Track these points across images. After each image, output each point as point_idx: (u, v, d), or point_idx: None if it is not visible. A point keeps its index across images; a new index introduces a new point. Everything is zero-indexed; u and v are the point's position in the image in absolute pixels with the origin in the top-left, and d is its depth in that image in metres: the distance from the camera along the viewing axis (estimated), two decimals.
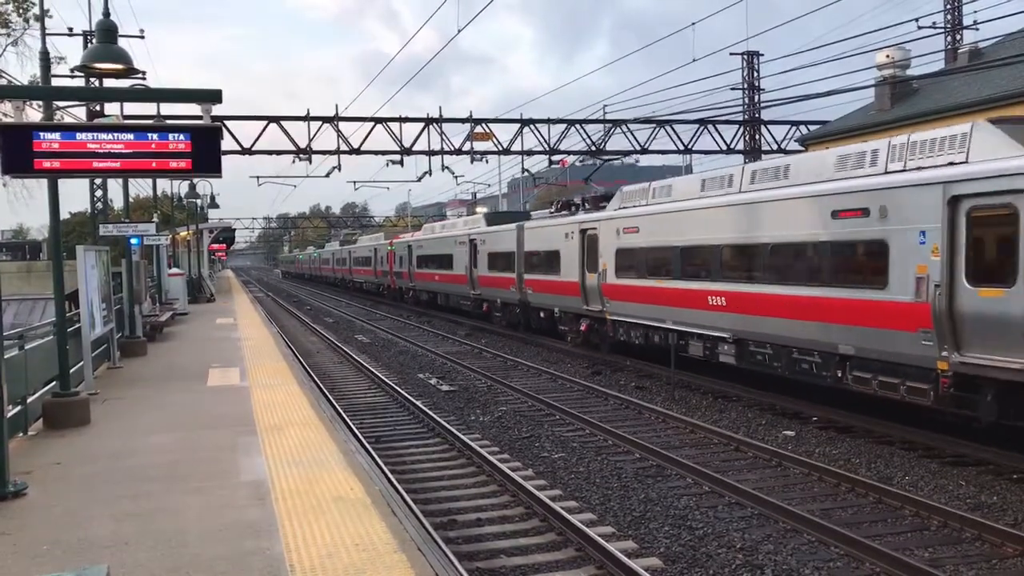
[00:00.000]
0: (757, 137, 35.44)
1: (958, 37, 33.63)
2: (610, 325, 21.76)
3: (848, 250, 13.49)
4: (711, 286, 16.95)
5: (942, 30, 33.37)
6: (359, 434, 13.49)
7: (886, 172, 12.84)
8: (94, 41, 14.79)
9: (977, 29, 31.53)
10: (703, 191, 17.97)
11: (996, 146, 11.21)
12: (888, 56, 29.19)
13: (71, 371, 12.38)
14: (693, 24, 24.53)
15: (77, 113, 21.48)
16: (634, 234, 20.15)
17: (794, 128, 35.08)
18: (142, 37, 25.56)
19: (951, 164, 11.65)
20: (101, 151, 9.55)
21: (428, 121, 32.14)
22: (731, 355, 16.58)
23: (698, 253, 17.59)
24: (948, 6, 34.27)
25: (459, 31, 21.65)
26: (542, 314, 26.77)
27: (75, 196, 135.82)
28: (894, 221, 12.32)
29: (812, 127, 34.34)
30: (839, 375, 13.67)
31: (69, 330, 12.68)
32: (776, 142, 35.24)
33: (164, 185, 44.98)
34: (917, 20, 26.11)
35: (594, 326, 23.06)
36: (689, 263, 17.91)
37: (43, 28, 14.53)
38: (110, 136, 9.63)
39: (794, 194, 14.73)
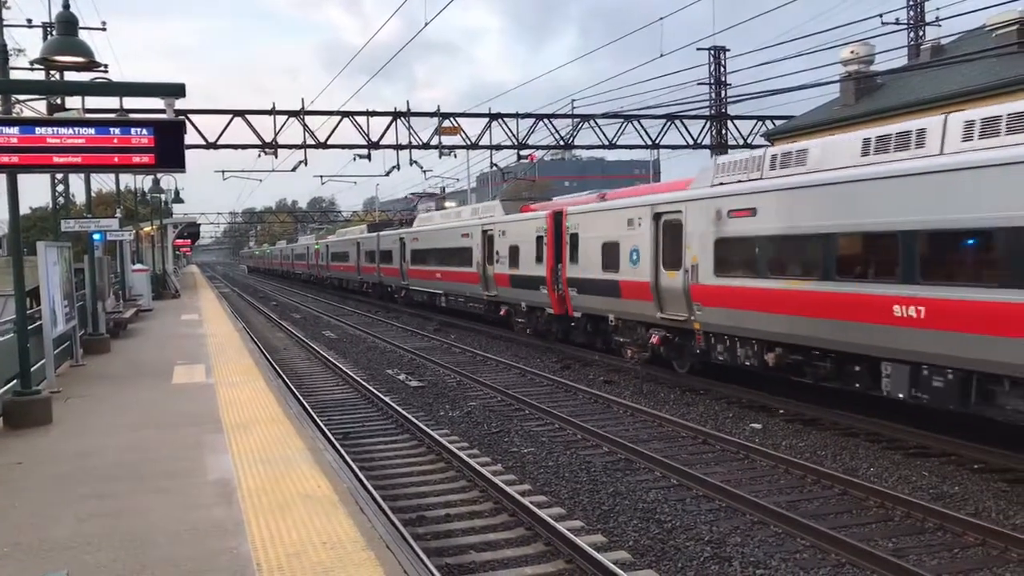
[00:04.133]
0: (724, 132, 35.67)
1: (921, 33, 34.06)
2: (412, 293, 39.04)
3: (464, 251, 30.42)
4: (437, 268, 34.21)
5: (905, 26, 33.77)
6: (327, 431, 13.39)
7: (478, 219, 30.08)
8: (54, 33, 14.55)
9: (939, 25, 31.93)
10: (441, 220, 36.53)
11: (499, 210, 28.73)
12: (853, 52, 29.49)
13: (32, 369, 12.17)
14: (662, 19, 24.58)
15: (37, 107, 21.10)
16: (416, 241, 37.73)
17: (760, 123, 35.34)
18: (104, 29, 25.18)
19: (490, 217, 28.93)
20: (61, 146, 9.41)
21: (396, 115, 31.99)
22: (444, 303, 34.19)
23: (435, 252, 34.52)
24: (911, 2, 34.68)
25: (427, 23, 21.56)
26: (387, 289, 44.89)
27: (36, 191, 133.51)
28: (473, 239, 29.54)
29: (778, 122, 34.61)
30: (467, 306, 31.20)
31: (30, 327, 12.45)
32: (743, 137, 35.50)
33: (127, 180, 44.35)
34: (881, 16, 26.35)
35: (407, 294, 40.09)
36: (434, 257, 34.72)
37: None
38: (71, 131, 9.49)
39: (453, 225, 32.99)
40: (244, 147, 30.98)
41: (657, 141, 34.38)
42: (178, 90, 10.03)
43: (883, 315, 11.98)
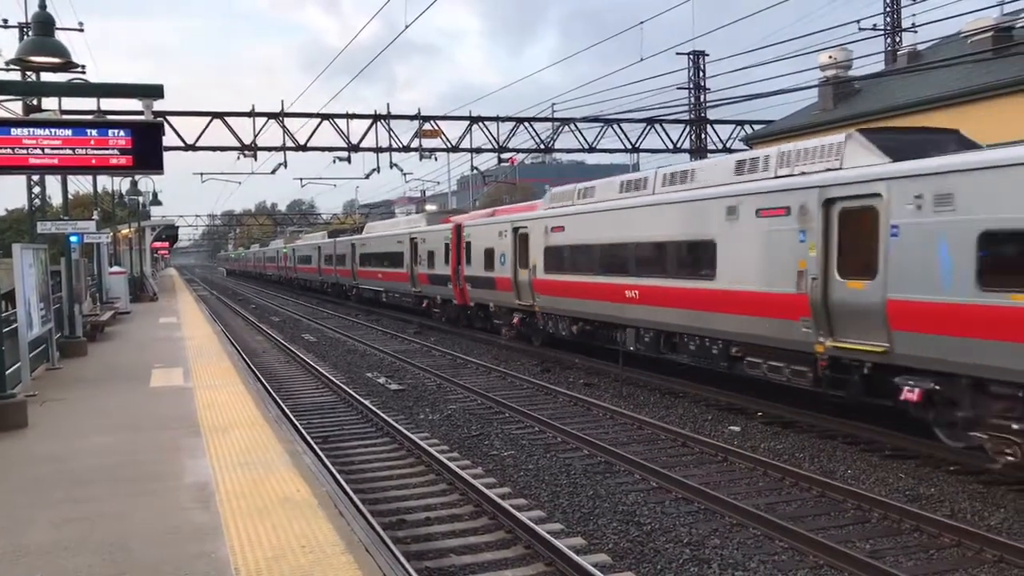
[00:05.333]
0: (703, 136, 35.86)
1: (898, 39, 34.40)
2: (361, 291, 45.12)
3: (398, 255, 35.63)
4: (379, 269, 39.75)
5: (882, 32, 34.09)
6: (306, 434, 13.34)
7: (408, 229, 35.47)
8: (30, 33, 14.42)
9: (916, 32, 32.29)
10: (382, 229, 41.44)
11: (423, 222, 34.88)
12: (831, 57, 29.72)
13: (8, 372, 12.02)
14: (642, 23, 24.72)
15: (13, 108, 20.85)
16: (364, 246, 43.23)
17: (739, 128, 35.55)
18: (81, 30, 24.97)
19: (417, 227, 34.42)
20: (38, 147, 9.33)
21: (376, 118, 31.95)
22: (385, 299, 39.97)
23: (378, 256, 39.89)
24: (888, 9, 35.03)
25: (407, 26, 21.54)
26: (342, 287, 50.68)
27: (12, 192, 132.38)
28: (404, 245, 35.04)
29: (757, 126, 34.81)
30: (401, 300, 36.73)
31: (5, 330, 12.32)
32: (722, 141, 35.69)
33: (105, 182, 43.95)
34: (859, 22, 26.65)
35: (357, 292, 46.26)
36: (377, 260, 40.26)
37: None
38: (47, 132, 9.41)
39: (391, 233, 38.06)
40: (223, 149, 30.88)
41: (637, 145, 34.52)
42: (156, 91, 9.99)
43: (622, 297, 17.97)
